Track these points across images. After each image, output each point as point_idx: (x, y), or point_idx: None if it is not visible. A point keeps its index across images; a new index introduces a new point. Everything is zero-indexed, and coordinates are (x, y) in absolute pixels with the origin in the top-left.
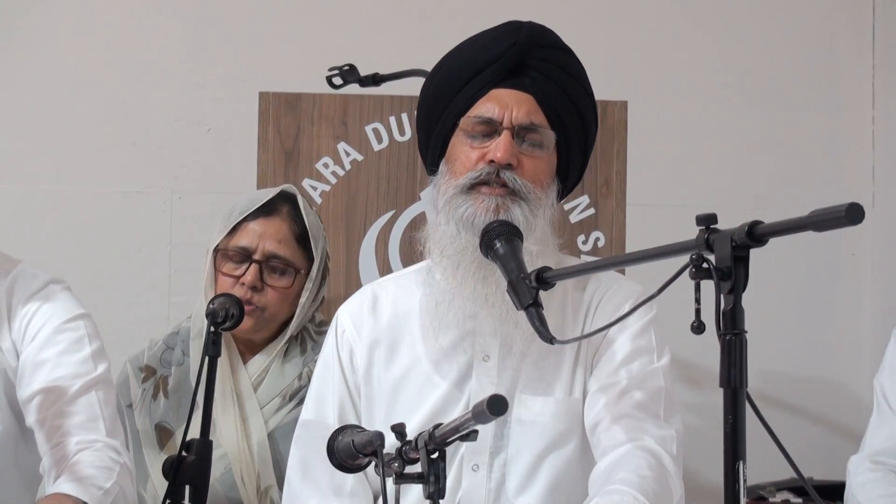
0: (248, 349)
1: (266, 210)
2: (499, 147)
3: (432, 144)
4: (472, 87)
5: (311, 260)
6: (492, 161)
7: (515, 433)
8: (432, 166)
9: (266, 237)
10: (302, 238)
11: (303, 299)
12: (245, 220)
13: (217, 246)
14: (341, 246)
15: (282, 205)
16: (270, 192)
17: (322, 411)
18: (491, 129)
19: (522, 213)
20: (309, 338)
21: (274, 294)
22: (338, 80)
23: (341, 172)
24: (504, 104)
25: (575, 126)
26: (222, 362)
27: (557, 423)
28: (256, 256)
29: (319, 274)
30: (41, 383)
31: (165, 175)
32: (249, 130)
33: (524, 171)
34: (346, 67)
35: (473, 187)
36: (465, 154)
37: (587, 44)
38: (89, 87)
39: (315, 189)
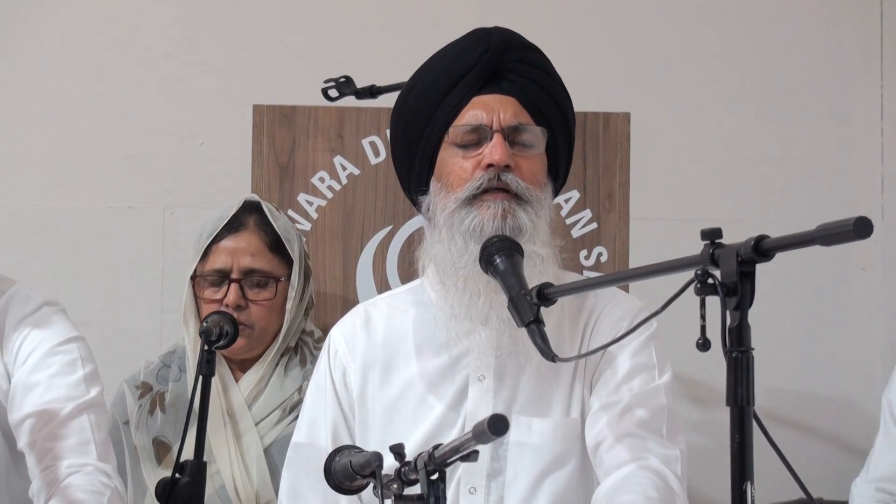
0: (241, 367)
1: (233, 226)
2: (494, 150)
3: (418, 164)
4: (453, 98)
5: (289, 264)
6: (489, 166)
7: (513, 455)
8: (420, 186)
9: (239, 254)
10: (275, 245)
11: (289, 304)
12: (214, 241)
13: (193, 273)
14: (338, 262)
15: (247, 217)
16: (233, 207)
17: (315, 434)
18: (481, 135)
19: (529, 217)
20: (308, 352)
21: (259, 309)
22: (334, 93)
23: (337, 187)
24: (489, 109)
25: (559, 122)
26: (213, 383)
27: (556, 445)
28: (234, 275)
29: (302, 275)
30: (33, 406)
31: (157, 190)
32: (243, 144)
33: (522, 172)
34: (343, 79)
35: (476, 196)
36: (459, 166)
37: (588, 54)
38: (79, 100)
39: (311, 204)
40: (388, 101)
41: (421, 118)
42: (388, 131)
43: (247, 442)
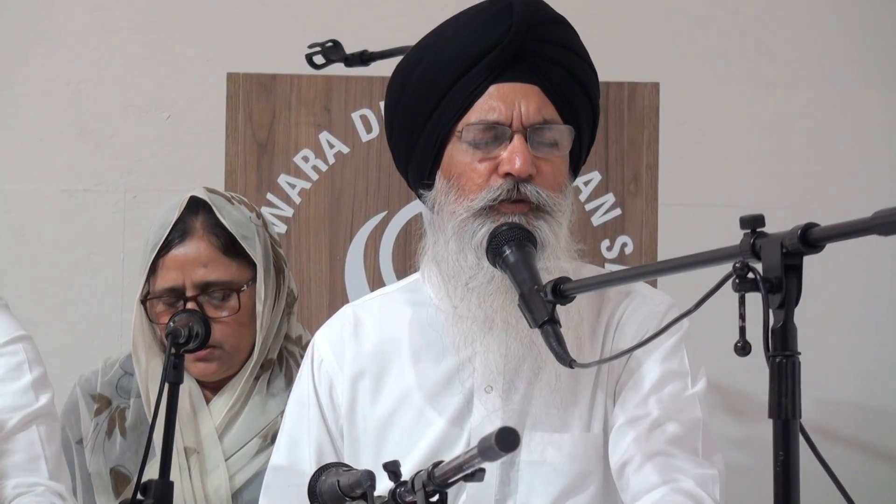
0: (215, 389)
1: (179, 233)
2: (514, 157)
3: (419, 154)
4: (467, 86)
5: (253, 265)
6: (508, 174)
7: (525, 477)
8: (423, 179)
9: (189, 266)
10: (230, 247)
11: (259, 317)
12: (160, 254)
13: (143, 295)
14: (324, 254)
15: (194, 219)
16: (176, 210)
17: (296, 456)
18: (498, 134)
19: (550, 228)
20: (295, 363)
21: (225, 326)
22: (319, 59)
23: (324, 167)
24: (509, 102)
25: (586, 113)
26: (178, 409)
27: (575, 464)
28: (188, 293)
29: (271, 273)
30: None
31: (118, 170)
32: (216, 118)
33: (544, 178)
34: (329, 44)
35: (491, 207)
36: (472, 168)
37: (611, 14)
38: (28, 68)
39: (293, 187)
40: (382, 68)
41: (426, 104)
42: (381, 104)
43: (213, 482)
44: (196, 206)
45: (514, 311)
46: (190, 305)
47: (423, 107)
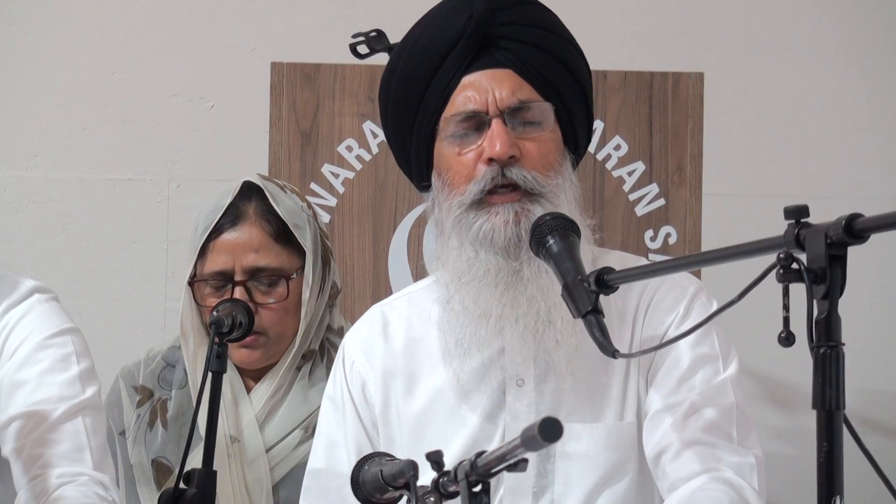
0: (257, 377)
1: (231, 218)
2: (493, 142)
3: (414, 157)
4: (440, 82)
5: (302, 253)
6: (491, 160)
7: (561, 468)
8: (422, 181)
9: (240, 251)
10: (282, 234)
11: (304, 305)
12: (211, 237)
13: (191, 277)
14: (367, 243)
15: (247, 204)
16: (230, 194)
17: (334, 458)
18: (477, 122)
19: (545, 210)
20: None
21: (271, 312)
22: (363, 49)
23: (367, 157)
24: (482, 90)
25: (569, 88)
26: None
27: (610, 454)
28: (237, 277)
29: (318, 264)
30: (20, 407)
31: (162, 159)
32: (260, 107)
33: (530, 158)
34: (374, 33)
35: (482, 200)
36: (457, 161)
37: (656, 6)
38: (72, 57)
39: (337, 176)
40: None
41: (409, 107)
42: None
43: (255, 474)
44: (249, 192)
45: (513, 304)
46: (238, 290)
47: (406, 110)
